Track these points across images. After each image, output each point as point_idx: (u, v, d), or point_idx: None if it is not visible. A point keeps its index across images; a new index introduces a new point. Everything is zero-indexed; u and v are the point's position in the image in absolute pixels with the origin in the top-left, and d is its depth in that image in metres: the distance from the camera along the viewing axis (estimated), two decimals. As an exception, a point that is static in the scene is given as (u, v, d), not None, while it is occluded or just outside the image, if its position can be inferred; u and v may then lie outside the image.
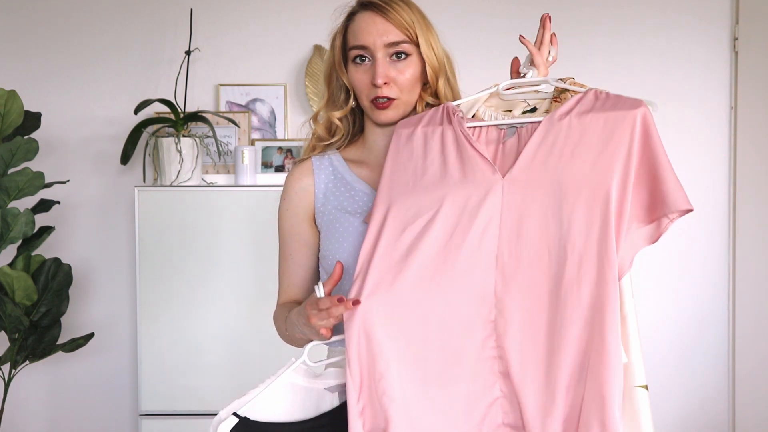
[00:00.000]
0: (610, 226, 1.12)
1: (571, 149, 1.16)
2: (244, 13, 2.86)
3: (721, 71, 2.90)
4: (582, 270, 1.13)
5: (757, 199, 2.81)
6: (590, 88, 1.22)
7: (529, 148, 1.18)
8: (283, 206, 1.46)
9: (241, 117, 2.82)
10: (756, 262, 2.82)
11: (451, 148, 1.24)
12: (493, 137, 1.24)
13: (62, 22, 2.85)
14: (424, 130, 1.28)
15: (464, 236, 1.17)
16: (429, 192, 1.22)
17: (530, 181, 1.17)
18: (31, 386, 2.85)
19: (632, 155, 1.14)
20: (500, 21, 2.88)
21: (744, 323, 2.87)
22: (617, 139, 1.14)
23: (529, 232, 1.16)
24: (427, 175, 1.24)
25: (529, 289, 1.16)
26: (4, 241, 2.41)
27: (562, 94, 1.24)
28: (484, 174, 1.20)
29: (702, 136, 2.92)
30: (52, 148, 2.80)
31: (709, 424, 2.93)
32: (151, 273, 2.46)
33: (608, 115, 1.16)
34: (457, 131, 1.24)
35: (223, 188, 2.56)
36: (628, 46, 2.89)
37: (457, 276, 1.17)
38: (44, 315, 2.53)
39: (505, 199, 1.17)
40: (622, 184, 1.13)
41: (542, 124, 1.19)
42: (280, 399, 1.22)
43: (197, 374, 2.47)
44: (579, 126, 1.17)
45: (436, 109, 1.31)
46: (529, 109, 1.28)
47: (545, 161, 1.17)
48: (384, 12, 1.34)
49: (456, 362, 1.17)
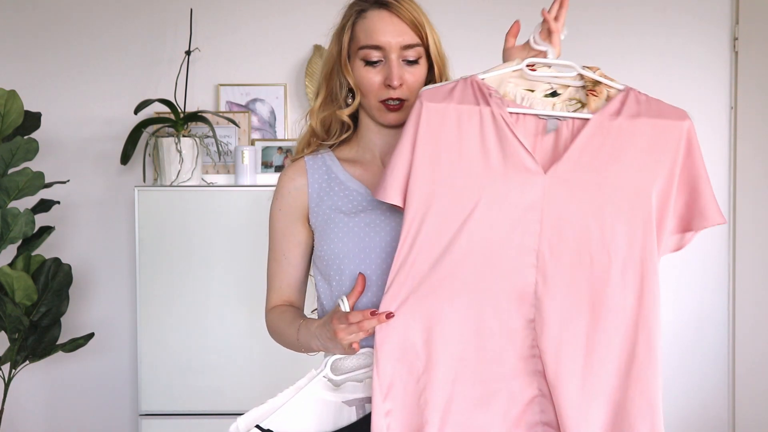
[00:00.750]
0: (652, 232, 1.12)
1: (617, 153, 1.14)
2: (244, 13, 2.86)
3: (721, 71, 2.90)
4: (626, 276, 1.12)
5: (757, 199, 2.81)
6: (626, 86, 1.19)
7: (576, 146, 1.14)
8: (275, 206, 1.45)
9: (241, 117, 2.82)
10: (756, 262, 2.82)
11: (491, 134, 1.16)
12: (531, 127, 1.17)
13: (62, 22, 2.85)
14: (457, 109, 1.17)
15: (504, 232, 1.14)
16: (467, 182, 1.15)
17: (574, 180, 1.14)
18: (31, 386, 2.86)
19: (676, 165, 1.15)
20: (501, 20, 2.88)
21: (744, 323, 2.87)
22: (663, 147, 1.14)
23: (570, 232, 1.14)
24: (464, 162, 1.16)
25: (569, 291, 1.14)
26: (4, 241, 2.41)
27: (597, 87, 1.19)
28: (526, 168, 1.14)
29: (702, 136, 2.88)
30: (52, 148, 2.80)
31: (709, 424, 2.93)
32: (151, 273, 2.46)
33: (656, 123, 1.15)
34: (497, 116, 1.16)
35: (223, 188, 2.56)
36: (628, 46, 2.89)
37: (496, 273, 1.15)
38: (44, 315, 2.53)
39: (547, 196, 1.14)
40: (665, 192, 1.14)
41: (592, 122, 1.15)
42: (300, 411, 1.21)
43: (197, 374, 2.47)
44: (628, 130, 1.15)
45: (464, 83, 1.20)
46: (550, 93, 1.22)
47: (591, 162, 1.14)
48: (398, 12, 1.33)
49: (494, 360, 1.16)
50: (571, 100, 1.22)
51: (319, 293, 1.42)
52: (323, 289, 1.40)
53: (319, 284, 1.41)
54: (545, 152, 1.16)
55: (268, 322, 1.45)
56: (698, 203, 1.16)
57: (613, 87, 1.19)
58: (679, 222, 1.17)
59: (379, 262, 1.32)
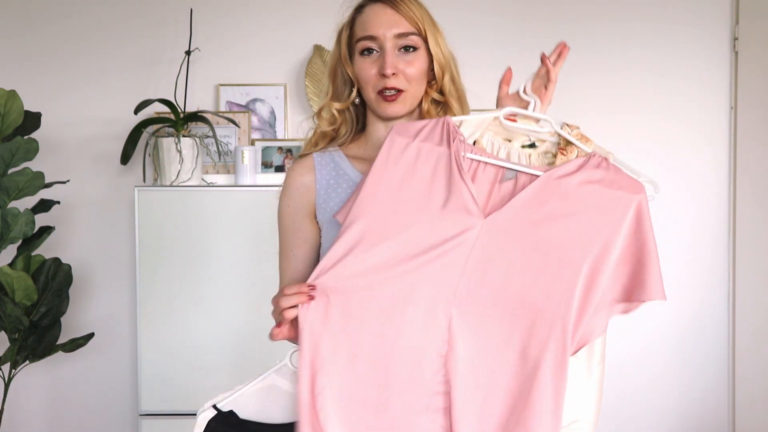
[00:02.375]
0: (573, 296, 1.13)
1: (558, 213, 1.16)
2: (244, 13, 2.86)
3: (721, 71, 2.90)
4: (536, 329, 1.14)
5: (757, 199, 2.81)
6: (593, 151, 1.21)
7: (519, 199, 1.17)
8: (284, 202, 1.45)
9: (241, 117, 2.82)
10: (756, 262, 2.82)
11: (442, 175, 1.20)
12: (490, 175, 1.21)
13: (62, 23, 2.85)
14: (419, 146, 1.22)
15: (428, 264, 1.16)
16: (407, 212, 1.19)
17: (510, 230, 1.16)
18: (31, 386, 2.85)
19: (618, 237, 1.15)
20: (500, 19, 2.89)
21: (744, 323, 2.87)
22: (607, 218, 1.15)
23: (492, 277, 1.16)
24: (409, 194, 1.20)
25: (480, 333, 1.16)
26: (4, 241, 2.41)
27: (568, 146, 1.23)
28: (467, 209, 1.17)
29: (702, 136, 2.92)
30: (52, 148, 2.80)
31: (709, 424, 2.93)
32: (151, 273, 2.46)
33: (605, 193, 1.16)
34: (452, 158, 1.20)
35: (223, 188, 2.56)
36: (628, 46, 2.89)
37: (414, 303, 1.16)
38: (44, 315, 2.53)
39: (480, 240, 1.16)
40: (600, 261, 1.14)
41: (540, 179, 1.18)
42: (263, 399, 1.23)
43: (197, 374, 2.47)
44: (575, 194, 1.17)
45: (437, 122, 1.24)
46: (528, 144, 1.26)
47: (530, 217, 1.16)
48: (394, 4, 1.35)
49: (401, 389, 1.17)
50: (547, 153, 1.25)
51: None
52: None
53: None
54: (496, 202, 1.19)
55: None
56: (642, 276, 1.17)
57: (582, 149, 1.22)
58: (623, 292, 1.19)
59: None
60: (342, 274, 1.18)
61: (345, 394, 1.16)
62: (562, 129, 1.24)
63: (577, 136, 1.23)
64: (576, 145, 1.22)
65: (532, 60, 3.18)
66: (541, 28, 2.87)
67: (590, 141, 1.23)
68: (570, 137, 1.23)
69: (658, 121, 2.90)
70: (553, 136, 1.25)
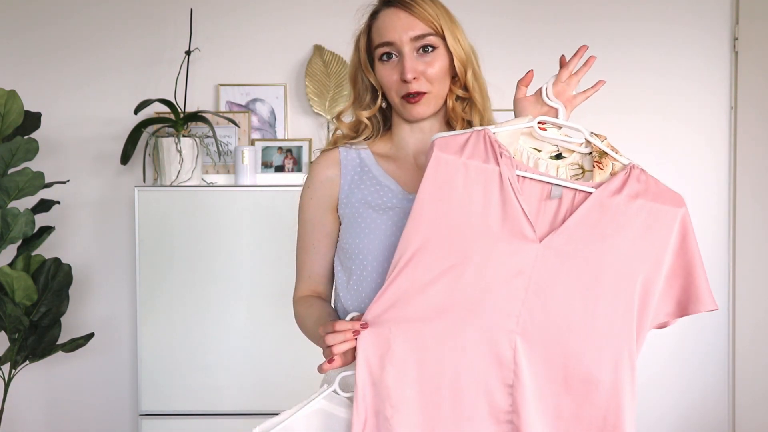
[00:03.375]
0: (633, 317, 1.15)
1: (611, 232, 1.16)
2: (244, 13, 2.86)
3: (721, 71, 2.90)
4: (602, 354, 1.15)
5: (757, 199, 2.81)
6: (631, 162, 1.20)
7: (573, 220, 1.16)
8: (306, 194, 1.44)
9: (241, 117, 2.82)
10: (756, 262, 2.82)
11: (495, 195, 1.17)
12: (536, 191, 1.18)
13: (62, 23, 2.85)
14: (467, 163, 1.18)
15: (490, 293, 1.15)
16: (464, 237, 1.17)
17: (566, 253, 1.16)
18: (31, 386, 2.85)
19: (666, 253, 1.16)
20: (502, 20, 2.89)
21: (744, 323, 2.87)
22: (656, 233, 1.16)
23: (554, 304, 1.16)
24: (464, 218, 1.17)
25: (547, 361, 1.16)
26: (4, 241, 2.41)
27: (603, 159, 1.21)
28: (523, 234, 1.16)
29: (702, 136, 2.92)
30: (52, 148, 2.80)
31: (709, 424, 2.93)
32: (151, 273, 2.46)
33: (653, 207, 1.16)
34: (504, 178, 1.17)
35: (223, 188, 2.56)
36: (628, 46, 2.89)
37: (477, 331, 1.16)
38: (44, 315, 2.53)
39: (538, 265, 1.15)
40: (650, 277, 1.16)
41: (592, 198, 1.16)
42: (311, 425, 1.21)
43: (197, 374, 2.47)
44: (623, 212, 1.16)
45: (478, 136, 1.20)
46: (555, 155, 1.24)
47: (583, 238, 1.16)
48: (408, 7, 1.34)
49: (467, 418, 1.17)
50: (573, 165, 1.23)
51: (337, 284, 1.41)
52: (341, 280, 1.40)
53: (339, 275, 1.41)
54: (546, 218, 1.18)
55: (295, 311, 1.45)
56: (693, 289, 1.18)
57: (618, 161, 1.20)
58: (676, 306, 1.20)
59: None
60: (403, 307, 1.17)
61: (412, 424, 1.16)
62: (593, 138, 1.22)
63: (607, 146, 1.21)
64: (610, 156, 1.20)
65: (532, 60, 3.18)
66: (542, 28, 2.88)
67: (618, 151, 1.22)
68: (605, 148, 1.21)
69: (658, 121, 2.90)
70: (581, 147, 1.23)
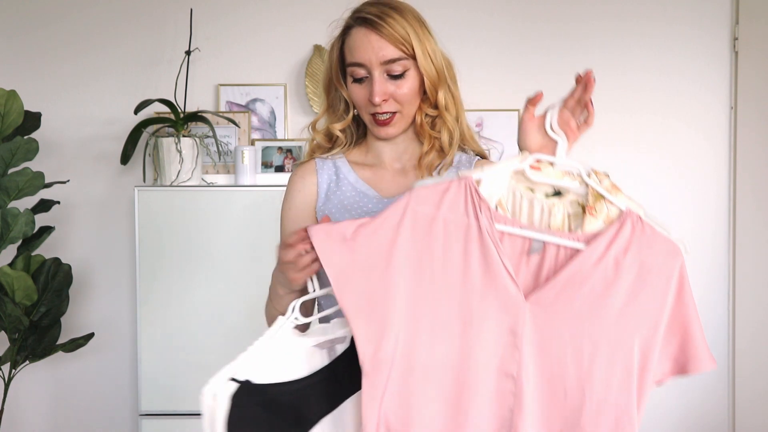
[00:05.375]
0: (632, 380, 1.10)
1: (601, 291, 1.10)
2: (244, 13, 2.86)
3: (721, 71, 2.90)
4: (600, 417, 1.10)
5: (757, 199, 2.81)
6: (627, 208, 1.12)
7: (561, 278, 1.10)
8: (285, 206, 1.46)
9: (241, 117, 2.82)
10: (756, 262, 2.82)
11: (476, 251, 1.11)
12: (517, 246, 1.13)
13: (62, 23, 2.85)
14: (446, 218, 1.12)
15: (485, 355, 1.11)
16: (449, 297, 1.11)
17: (555, 311, 1.10)
18: (31, 386, 2.85)
19: (665, 310, 1.10)
20: (502, 21, 2.89)
21: (744, 324, 2.87)
22: (652, 291, 1.09)
23: (548, 364, 1.11)
24: (447, 277, 1.12)
25: (544, 422, 1.12)
26: (4, 241, 2.41)
27: (598, 203, 1.12)
28: (508, 292, 1.10)
29: (702, 135, 2.92)
30: (52, 148, 2.80)
31: (709, 424, 2.93)
32: (151, 273, 2.46)
33: (645, 262, 1.09)
34: (484, 233, 1.11)
35: (223, 188, 2.56)
36: (628, 46, 2.89)
37: (474, 393, 1.12)
38: (44, 315, 2.53)
39: (528, 324, 1.10)
40: (648, 338, 1.10)
41: (582, 256, 1.10)
42: (274, 359, 1.20)
43: (197, 374, 2.46)
44: (615, 268, 1.10)
45: (458, 186, 1.13)
46: (553, 193, 1.17)
47: (572, 296, 1.10)
48: (378, 28, 1.32)
49: None
50: (573, 202, 1.16)
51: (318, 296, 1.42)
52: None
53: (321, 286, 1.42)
54: (529, 273, 1.13)
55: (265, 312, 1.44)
56: (691, 347, 1.13)
57: (613, 205, 1.12)
58: (673, 365, 1.15)
59: None
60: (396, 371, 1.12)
61: None
62: (590, 178, 1.13)
63: (607, 188, 1.13)
64: (607, 200, 1.12)
65: (532, 59, 3.18)
66: (542, 28, 2.88)
67: (620, 191, 1.13)
68: (601, 189, 1.12)
69: (658, 120, 2.91)
70: (580, 185, 1.15)
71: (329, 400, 1.16)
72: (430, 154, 1.41)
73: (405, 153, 1.45)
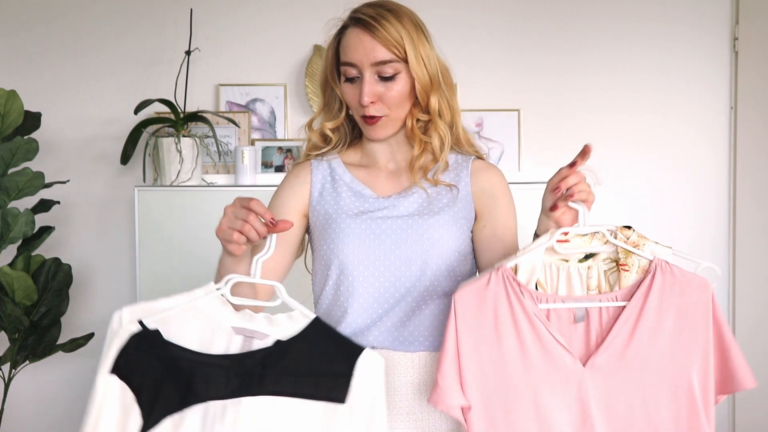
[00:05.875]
0: (699, 412, 1.18)
1: (650, 338, 1.19)
2: (244, 13, 2.86)
3: (721, 71, 2.90)
4: None
5: (757, 199, 2.81)
6: (654, 258, 1.20)
7: (610, 337, 1.19)
8: (273, 197, 1.46)
9: (241, 117, 2.82)
10: (756, 262, 2.82)
11: (528, 333, 1.19)
12: (563, 317, 1.22)
13: (62, 22, 2.85)
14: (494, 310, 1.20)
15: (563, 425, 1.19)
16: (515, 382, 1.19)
17: (613, 370, 1.19)
18: (31, 386, 2.85)
19: (709, 337, 1.19)
20: (502, 25, 2.89)
21: (744, 323, 2.87)
22: (692, 326, 1.19)
23: (617, 420, 1.19)
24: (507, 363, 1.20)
25: None
26: (4, 241, 2.41)
27: (628, 258, 1.22)
28: (566, 364, 1.19)
29: (702, 135, 2.92)
30: (52, 148, 2.80)
31: (709, 424, 2.93)
32: (151, 273, 2.46)
33: (682, 304, 1.19)
34: (530, 314, 1.19)
35: (223, 188, 2.56)
36: (628, 46, 2.89)
37: None
38: (44, 315, 2.53)
39: (591, 388, 1.19)
40: (704, 369, 1.19)
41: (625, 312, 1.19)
42: (190, 323, 1.17)
43: (197, 374, 2.47)
44: (657, 317, 1.19)
45: (497, 278, 1.20)
46: (585, 257, 1.25)
47: (626, 350, 1.19)
48: (371, 30, 1.32)
49: None
50: (607, 260, 1.25)
51: (315, 294, 1.42)
52: (318, 289, 1.41)
53: (315, 285, 1.42)
54: (579, 339, 1.21)
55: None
56: (730, 368, 1.20)
57: (642, 257, 1.21)
58: (719, 386, 1.22)
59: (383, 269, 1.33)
60: None
61: None
62: (616, 239, 1.22)
63: (633, 244, 1.21)
64: (635, 254, 1.21)
65: (532, 59, 3.17)
66: (542, 27, 2.88)
67: (647, 240, 1.22)
68: (628, 247, 1.21)
69: (659, 120, 2.91)
70: (608, 245, 1.24)
71: (220, 389, 1.13)
72: (421, 158, 1.41)
73: (398, 154, 1.45)
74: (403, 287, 1.34)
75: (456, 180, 1.42)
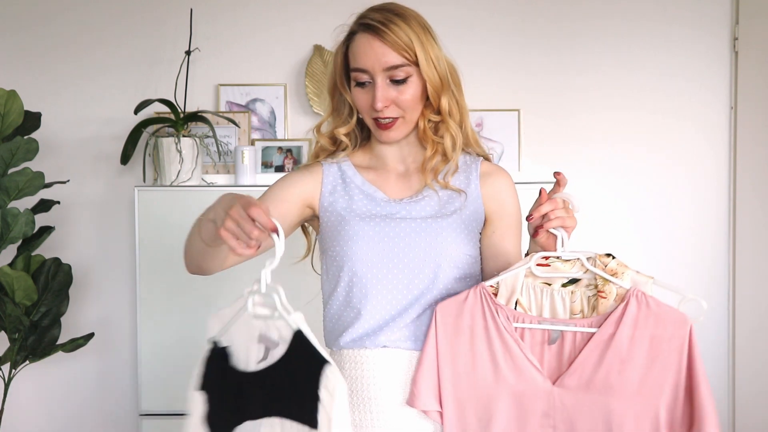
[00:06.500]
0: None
1: (618, 366, 1.21)
2: (244, 13, 2.86)
3: (721, 71, 2.90)
4: None
5: (757, 199, 2.81)
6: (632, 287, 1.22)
7: (581, 359, 1.22)
8: (277, 182, 1.45)
9: (241, 117, 2.82)
10: (756, 262, 2.82)
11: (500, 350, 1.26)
12: (537, 337, 1.26)
13: (62, 23, 2.85)
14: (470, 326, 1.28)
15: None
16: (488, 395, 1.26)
17: (581, 391, 1.22)
18: (31, 386, 2.85)
19: (682, 373, 1.20)
20: (501, 27, 2.89)
21: (744, 323, 2.87)
22: (665, 359, 1.20)
23: None
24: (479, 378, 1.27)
25: None
26: (4, 241, 2.41)
27: (606, 286, 1.24)
28: (535, 381, 1.24)
29: (702, 135, 2.92)
30: (52, 148, 2.80)
31: (709, 424, 2.92)
32: (151, 273, 2.46)
33: (654, 334, 1.20)
34: (502, 332, 1.26)
35: (223, 188, 2.56)
36: (628, 46, 2.89)
37: None
38: (44, 315, 2.53)
39: (558, 406, 1.24)
40: (672, 404, 1.20)
41: (596, 337, 1.22)
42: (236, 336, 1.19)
43: (197, 374, 2.47)
44: (629, 346, 1.21)
45: (475, 296, 1.28)
46: (569, 281, 1.28)
47: (595, 374, 1.22)
48: (381, 35, 1.32)
49: None
50: (589, 286, 1.27)
51: (324, 295, 1.42)
52: (328, 290, 1.41)
53: (325, 286, 1.42)
54: (553, 359, 1.25)
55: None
56: (700, 409, 1.19)
57: (619, 285, 1.23)
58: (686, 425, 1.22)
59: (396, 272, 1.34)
60: None
61: None
62: (595, 266, 1.25)
63: (611, 272, 1.23)
64: (612, 282, 1.23)
65: (532, 59, 3.17)
66: (542, 27, 2.88)
67: (627, 267, 1.24)
68: (605, 274, 1.23)
69: (659, 120, 2.90)
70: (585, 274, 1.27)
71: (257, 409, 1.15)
72: (433, 159, 1.42)
73: (408, 156, 1.46)
74: (416, 289, 1.34)
75: (466, 183, 1.43)
